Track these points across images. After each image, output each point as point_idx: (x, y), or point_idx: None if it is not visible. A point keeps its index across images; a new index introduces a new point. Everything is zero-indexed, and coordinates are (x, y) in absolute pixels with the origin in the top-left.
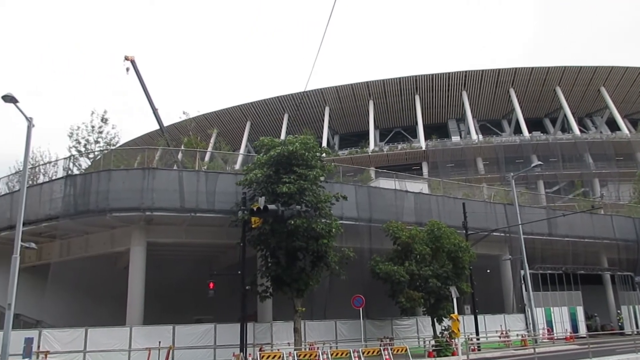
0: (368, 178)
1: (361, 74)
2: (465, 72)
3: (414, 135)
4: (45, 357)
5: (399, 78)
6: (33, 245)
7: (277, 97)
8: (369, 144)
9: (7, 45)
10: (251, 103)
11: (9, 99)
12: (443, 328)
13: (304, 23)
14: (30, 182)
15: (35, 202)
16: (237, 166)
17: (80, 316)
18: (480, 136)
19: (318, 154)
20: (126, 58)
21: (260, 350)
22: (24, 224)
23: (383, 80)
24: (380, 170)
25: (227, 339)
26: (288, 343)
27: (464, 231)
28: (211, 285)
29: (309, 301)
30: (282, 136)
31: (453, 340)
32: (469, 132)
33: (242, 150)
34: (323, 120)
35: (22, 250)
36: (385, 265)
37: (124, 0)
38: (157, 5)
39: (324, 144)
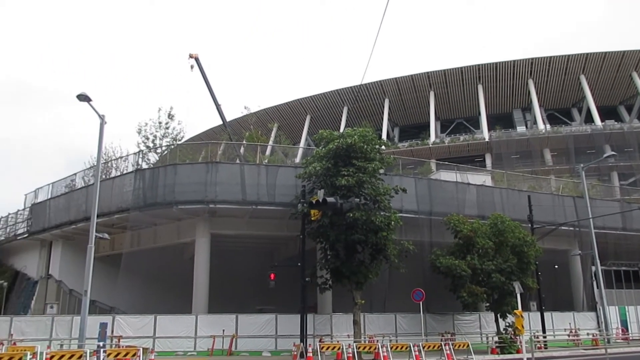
0: (428, 170)
1: (420, 64)
2: (532, 59)
3: (477, 126)
4: (119, 342)
5: (461, 67)
6: (106, 236)
7: (336, 90)
8: (429, 135)
9: (77, 45)
10: (311, 97)
11: (83, 97)
12: (507, 324)
13: (361, 14)
14: (103, 177)
15: (108, 195)
16: (297, 159)
17: (150, 303)
18: (548, 126)
19: (377, 146)
20: (190, 56)
21: (320, 341)
22: (97, 216)
23: (444, 70)
24: (441, 162)
25: (288, 329)
26: (347, 335)
27: (529, 225)
28: (272, 276)
29: (368, 294)
30: (341, 129)
31: (518, 337)
32: (535, 122)
33: (301, 143)
34: (382, 113)
35: (97, 240)
36: (446, 259)
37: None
38: (215, 2)
39: (384, 136)
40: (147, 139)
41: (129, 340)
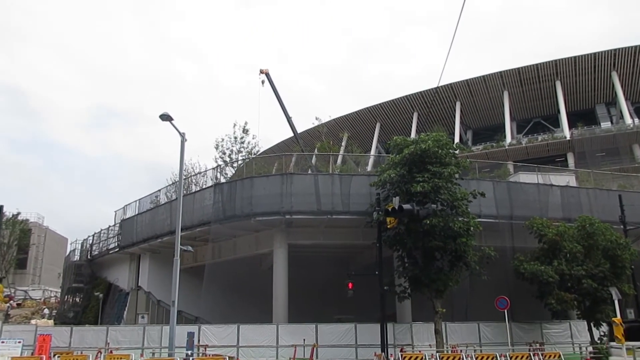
0: (506, 173)
1: (490, 64)
2: (615, 50)
3: (556, 124)
4: (205, 350)
5: (537, 64)
6: (190, 248)
7: (406, 96)
8: (505, 137)
9: (154, 67)
10: (380, 104)
11: (165, 117)
12: (602, 334)
13: (425, 20)
14: (184, 192)
15: (190, 210)
16: (369, 167)
17: (231, 313)
18: (637, 120)
19: (451, 150)
20: (261, 71)
21: (401, 351)
22: (181, 230)
23: (518, 68)
24: (519, 164)
25: (368, 338)
26: (429, 345)
27: (622, 226)
28: (350, 285)
29: (449, 302)
30: (413, 135)
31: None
32: (621, 117)
33: (372, 151)
34: (454, 116)
35: (181, 253)
36: (530, 264)
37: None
38: (284, 17)
39: (457, 140)
40: (224, 153)
41: (214, 349)
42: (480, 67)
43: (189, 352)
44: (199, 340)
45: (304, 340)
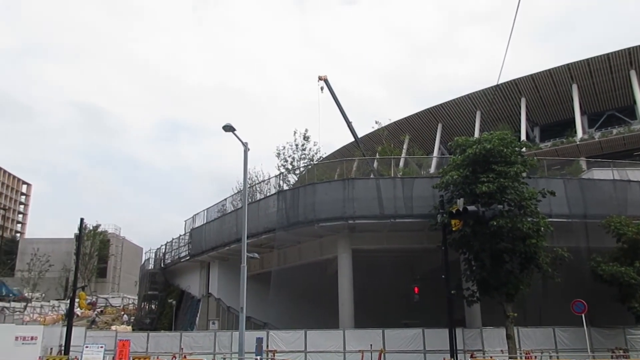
0: (578, 170)
1: (556, 57)
2: None
3: (632, 116)
4: (274, 356)
5: (608, 54)
6: (256, 255)
7: (468, 95)
8: (575, 132)
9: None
10: (441, 105)
11: (228, 128)
12: None
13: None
14: (249, 200)
15: (255, 217)
16: (432, 170)
17: (298, 318)
18: None
19: (517, 148)
20: (320, 78)
21: (471, 356)
22: (247, 237)
23: (588, 59)
24: (592, 160)
25: (436, 344)
26: (501, 350)
27: None
28: (416, 290)
29: (521, 306)
30: (476, 134)
31: None
32: None
33: (435, 153)
34: (520, 113)
35: (248, 260)
36: (609, 266)
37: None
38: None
39: (523, 137)
40: (286, 161)
41: (282, 354)
42: (545, 61)
43: (258, 357)
44: (267, 346)
45: (371, 345)
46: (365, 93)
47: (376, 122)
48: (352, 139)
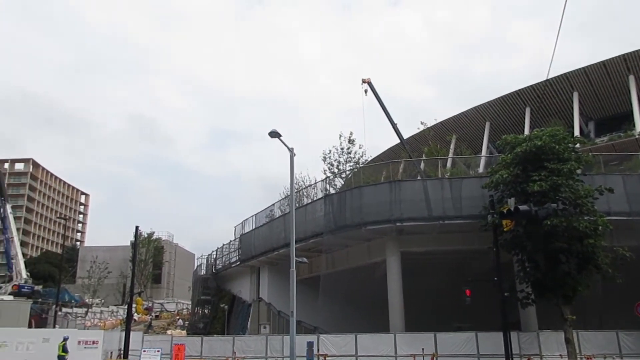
0: (638, 165)
1: (609, 49)
2: None
3: None
4: (325, 359)
5: None
6: (305, 259)
7: (516, 91)
8: (634, 125)
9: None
10: (488, 102)
11: (274, 134)
12: None
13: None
14: (296, 204)
15: (302, 222)
16: (480, 169)
17: (347, 322)
18: None
19: (571, 144)
20: (363, 81)
21: None
22: (295, 242)
23: None
24: None
25: (490, 347)
26: (559, 355)
27: None
28: (468, 292)
29: (579, 308)
30: (526, 131)
31: None
32: None
33: (483, 152)
34: (572, 108)
35: (297, 264)
36: None
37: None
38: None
39: (577, 133)
40: (332, 165)
41: (333, 358)
42: (598, 53)
43: None
44: (318, 350)
45: (423, 349)
46: (410, 94)
47: (421, 123)
48: (398, 141)
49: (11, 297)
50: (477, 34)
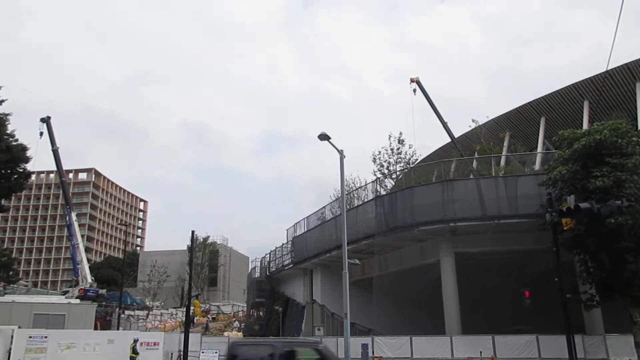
0: None
1: None
2: None
3: None
4: None
5: None
6: (357, 261)
7: (573, 84)
8: None
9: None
10: (544, 97)
11: (323, 137)
12: None
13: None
14: (347, 206)
15: (354, 223)
16: (537, 166)
17: (401, 324)
18: None
19: (635, 138)
20: (412, 80)
21: None
22: (347, 243)
23: None
24: None
25: (552, 351)
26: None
27: None
28: (527, 294)
29: None
30: (585, 125)
31: None
32: None
33: (539, 149)
34: (635, 99)
35: (349, 266)
36: None
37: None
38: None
39: None
40: (382, 166)
41: None
42: None
43: None
44: (372, 352)
45: (481, 352)
46: (461, 92)
47: (473, 121)
48: (449, 140)
49: (78, 301)
50: (529, 27)
